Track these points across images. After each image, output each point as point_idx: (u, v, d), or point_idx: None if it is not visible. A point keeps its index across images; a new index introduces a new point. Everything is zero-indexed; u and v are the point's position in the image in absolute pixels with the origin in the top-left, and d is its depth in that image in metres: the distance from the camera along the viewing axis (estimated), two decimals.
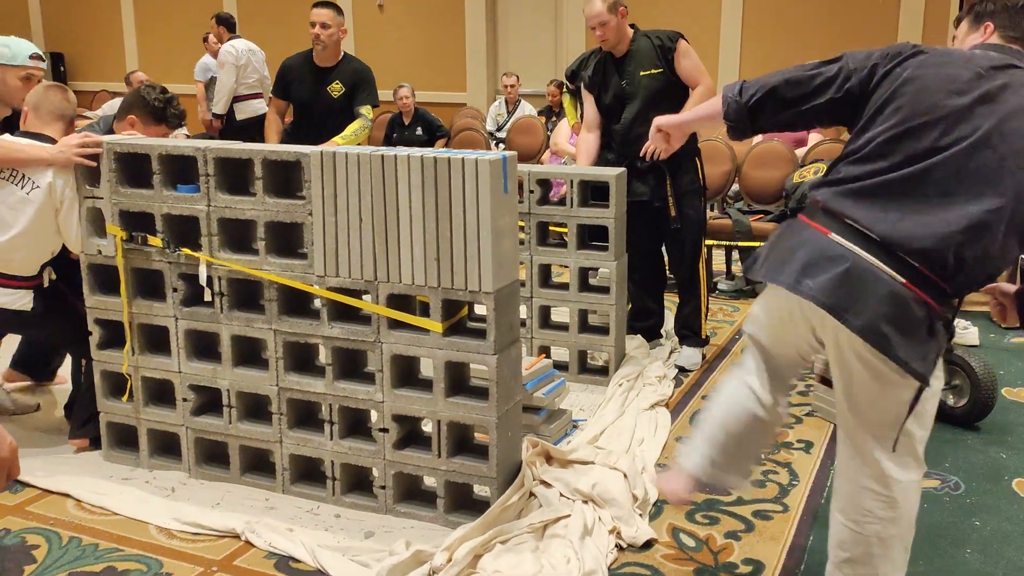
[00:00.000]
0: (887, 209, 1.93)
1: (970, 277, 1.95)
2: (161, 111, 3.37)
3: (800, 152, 6.03)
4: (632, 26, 4.16)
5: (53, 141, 3.13)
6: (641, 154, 4.07)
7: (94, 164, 3.02)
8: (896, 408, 2.00)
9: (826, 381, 2.58)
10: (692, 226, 4.18)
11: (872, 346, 1.90)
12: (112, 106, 7.86)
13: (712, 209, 5.98)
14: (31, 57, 3.39)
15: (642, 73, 4.08)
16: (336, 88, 4.69)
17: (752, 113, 2.14)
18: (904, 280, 1.90)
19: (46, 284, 3.21)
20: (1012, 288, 2.19)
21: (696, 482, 2.39)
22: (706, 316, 4.33)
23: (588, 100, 4.30)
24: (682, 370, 4.19)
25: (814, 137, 6.27)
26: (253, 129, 7.07)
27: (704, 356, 4.33)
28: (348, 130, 4.61)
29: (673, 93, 4.09)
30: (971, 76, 1.95)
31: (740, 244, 5.40)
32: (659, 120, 2.43)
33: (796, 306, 2.08)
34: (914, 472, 2.07)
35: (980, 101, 1.93)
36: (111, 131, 3.42)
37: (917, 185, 1.93)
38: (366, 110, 4.70)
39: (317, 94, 4.71)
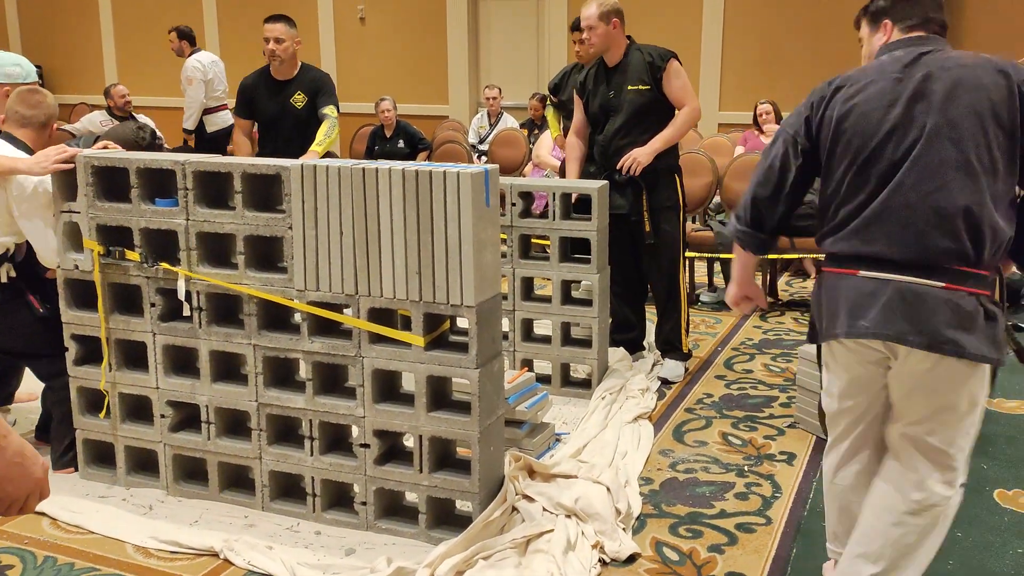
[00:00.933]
0: (891, 232, 2.02)
1: (994, 251, 2.02)
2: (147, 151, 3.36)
3: None
4: (629, 38, 4.16)
5: (27, 147, 3.13)
6: (618, 167, 4.09)
7: (72, 166, 2.99)
8: (960, 404, 2.06)
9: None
10: (668, 242, 4.17)
11: (947, 355, 1.98)
12: (91, 119, 7.83)
13: (694, 221, 6.00)
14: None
15: (629, 87, 4.08)
16: (299, 99, 4.70)
17: (757, 227, 2.25)
18: (943, 284, 1.98)
19: (4, 280, 3.13)
20: None
21: None
22: (687, 331, 4.31)
23: (578, 106, 4.31)
24: (665, 382, 4.18)
25: None
26: (224, 141, 7.27)
27: (687, 368, 4.33)
28: (320, 135, 4.56)
29: (657, 110, 4.08)
30: (891, 84, 2.05)
31: (722, 256, 5.43)
32: (732, 299, 2.43)
33: (859, 350, 2.13)
34: (956, 487, 2.13)
35: (913, 101, 2.02)
36: None
37: (901, 200, 2.01)
38: (330, 110, 4.65)
39: (281, 108, 4.71)
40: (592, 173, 4.24)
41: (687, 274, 5.58)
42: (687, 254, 5.43)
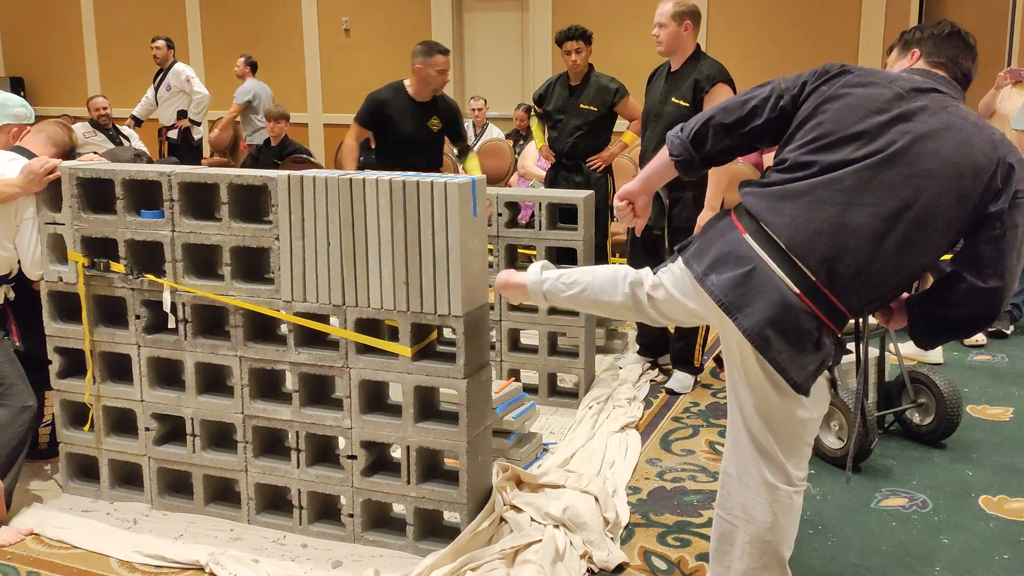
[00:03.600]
0: (795, 214, 2.01)
1: (866, 293, 2.02)
2: None
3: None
4: (697, 46, 4.06)
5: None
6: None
7: (60, 174, 2.98)
8: (783, 416, 2.07)
9: (719, 361, 2.64)
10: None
11: (753, 347, 2.00)
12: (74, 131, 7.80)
13: None
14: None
15: (673, 98, 4.00)
16: (435, 123, 4.87)
17: (694, 144, 2.19)
18: (799, 291, 1.98)
19: (0, 301, 3.13)
20: (904, 294, 2.24)
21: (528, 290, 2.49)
22: (704, 347, 4.22)
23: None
24: (671, 392, 4.17)
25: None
26: (201, 151, 7.92)
27: (697, 380, 4.24)
28: (472, 163, 4.99)
29: None
30: (892, 96, 2.04)
31: None
32: (621, 192, 2.37)
33: (702, 296, 2.15)
34: (792, 484, 2.15)
35: (897, 120, 2.01)
36: None
37: (825, 192, 2.01)
38: (469, 142, 5.11)
39: (419, 129, 4.83)
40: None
41: None
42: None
